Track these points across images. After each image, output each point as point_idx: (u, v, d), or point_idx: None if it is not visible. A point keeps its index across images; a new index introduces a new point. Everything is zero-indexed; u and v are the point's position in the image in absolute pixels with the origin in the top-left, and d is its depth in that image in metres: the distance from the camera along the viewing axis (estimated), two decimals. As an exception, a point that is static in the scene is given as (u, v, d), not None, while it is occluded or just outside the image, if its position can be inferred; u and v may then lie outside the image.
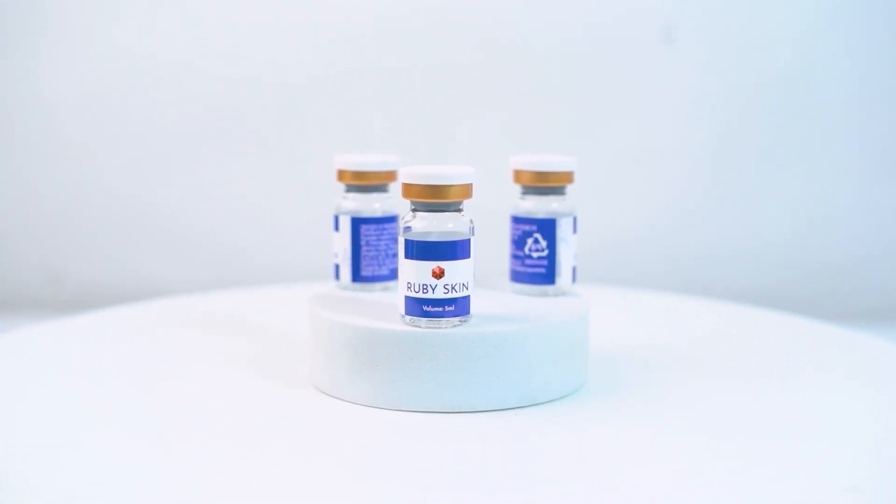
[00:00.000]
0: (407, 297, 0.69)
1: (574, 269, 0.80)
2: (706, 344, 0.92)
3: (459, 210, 0.70)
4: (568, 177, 0.79)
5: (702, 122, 1.51)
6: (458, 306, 0.69)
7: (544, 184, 0.79)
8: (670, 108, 1.50)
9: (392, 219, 0.81)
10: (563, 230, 0.79)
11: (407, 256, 0.69)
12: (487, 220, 1.07)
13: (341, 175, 0.81)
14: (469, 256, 0.69)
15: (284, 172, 1.52)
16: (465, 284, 0.69)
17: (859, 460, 0.64)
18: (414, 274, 0.69)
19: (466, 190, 0.69)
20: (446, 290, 0.68)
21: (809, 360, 0.88)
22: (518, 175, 0.80)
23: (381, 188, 0.81)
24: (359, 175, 0.80)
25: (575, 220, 0.80)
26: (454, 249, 0.68)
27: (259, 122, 1.52)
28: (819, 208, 1.52)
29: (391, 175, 0.81)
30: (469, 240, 0.69)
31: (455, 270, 0.68)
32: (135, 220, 1.54)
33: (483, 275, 0.85)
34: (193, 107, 1.51)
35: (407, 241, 0.69)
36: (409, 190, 0.69)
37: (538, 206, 0.79)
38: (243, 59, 1.50)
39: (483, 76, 1.49)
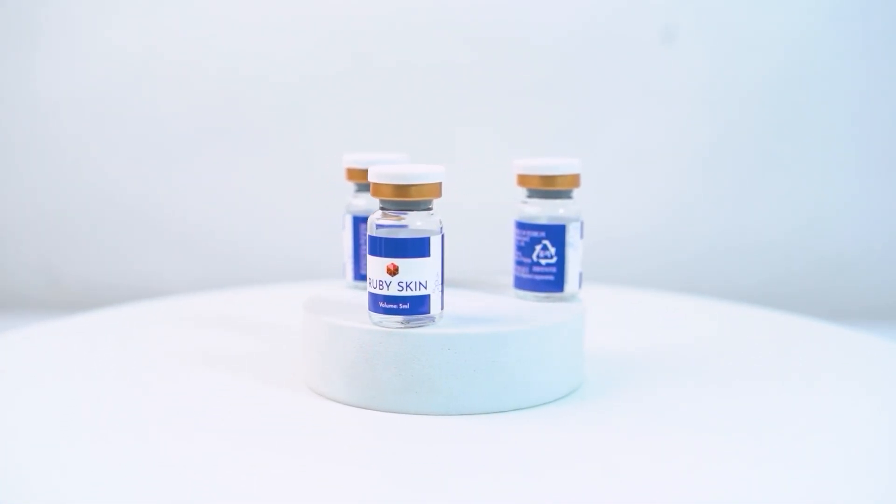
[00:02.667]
0: (369, 293, 0.69)
1: (580, 275, 0.77)
2: (705, 344, 0.92)
3: (428, 209, 0.68)
4: (575, 180, 0.76)
5: (701, 121, 1.51)
6: (412, 304, 0.67)
7: (551, 188, 0.75)
8: (670, 107, 1.50)
9: None
10: (571, 236, 0.76)
11: (370, 253, 0.68)
12: (486, 220, 1.07)
13: (350, 174, 0.80)
14: (428, 255, 0.67)
15: (284, 172, 1.52)
16: (423, 283, 0.67)
17: (859, 460, 0.63)
18: (373, 270, 0.68)
19: (435, 189, 0.67)
20: (400, 288, 0.67)
21: (809, 360, 0.88)
22: (523, 179, 0.76)
23: None
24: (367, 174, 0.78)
25: (582, 225, 0.77)
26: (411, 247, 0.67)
27: (258, 122, 1.52)
28: (818, 206, 1.52)
29: None
30: (428, 238, 0.67)
31: (410, 268, 0.67)
32: (135, 220, 1.54)
33: (482, 276, 0.85)
34: (193, 106, 1.51)
35: (370, 238, 0.68)
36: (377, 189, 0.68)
37: (544, 211, 0.76)
38: (243, 59, 1.50)
39: (483, 76, 1.49)
